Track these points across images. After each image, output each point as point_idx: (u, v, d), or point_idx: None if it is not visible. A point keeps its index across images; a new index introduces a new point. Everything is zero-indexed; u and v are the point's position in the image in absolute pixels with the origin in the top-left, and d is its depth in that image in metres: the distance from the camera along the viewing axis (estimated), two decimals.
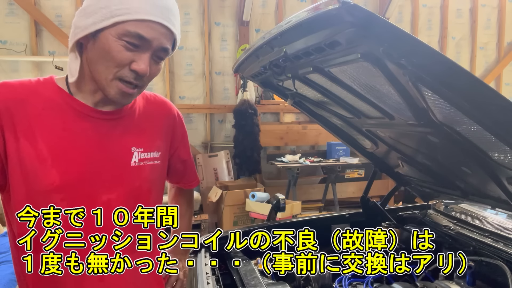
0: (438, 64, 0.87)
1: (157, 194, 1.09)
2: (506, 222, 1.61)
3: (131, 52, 0.87)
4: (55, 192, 0.91)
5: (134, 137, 1.02)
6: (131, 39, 0.85)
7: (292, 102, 1.70)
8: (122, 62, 0.87)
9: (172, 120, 1.15)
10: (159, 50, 0.90)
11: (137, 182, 1.01)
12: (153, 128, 1.08)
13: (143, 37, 0.86)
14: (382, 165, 1.93)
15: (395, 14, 5.95)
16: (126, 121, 1.01)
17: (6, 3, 4.71)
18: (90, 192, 0.95)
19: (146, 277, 1.05)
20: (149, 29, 0.86)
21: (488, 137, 1.00)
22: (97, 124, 0.96)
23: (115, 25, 0.84)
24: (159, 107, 1.12)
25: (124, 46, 0.86)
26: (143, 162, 1.02)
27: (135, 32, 0.85)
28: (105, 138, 0.97)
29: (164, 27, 0.88)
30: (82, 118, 0.94)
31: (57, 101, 0.93)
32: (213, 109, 5.45)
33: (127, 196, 1.00)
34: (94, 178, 0.95)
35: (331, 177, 4.99)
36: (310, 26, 0.93)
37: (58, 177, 0.90)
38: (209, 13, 5.36)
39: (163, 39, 0.89)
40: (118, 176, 0.98)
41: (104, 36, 0.86)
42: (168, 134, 1.13)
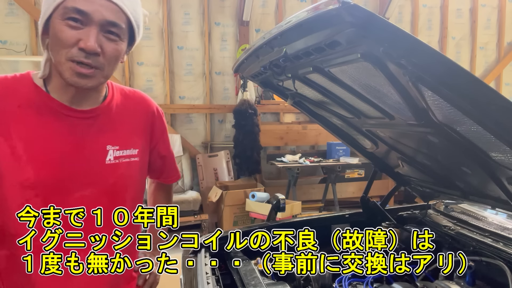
0: (438, 64, 0.87)
1: (134, 190, 1.09)
2: (506, 222, 1.61)
3: (76, 31, 0.86)
4: (30, 188, 0.91)
5: (109, 135, 1.02)
6: (70, 14, 0.85)
7: (292, 102, 1.70)
8: (68, 41, 0.86)
9: (151, 116, 1.14)
10: (106, 25, 0.88)
11: (111, 179, 1.02)
12: (130, 124, 1.08)
13: (81, 10, 0.85)
14: (382, 165, 1.93)
15: (395, 14, 5.95)
16: (102, 119, 1.01)
17: (6, 3, 4.71)
18: (64, 189, 0.95)
19: (116, 275, 1.04)
20: (86, 2, 0.85)
21: (488, 137, 1.00)
22: (73, 122, 0.96)
23: (57, 8, 0.86)
24: (137, 103, 1.12)
25: (67, 25, 0.85)
26: (119, 159, 1.03)
27: (71, 6, 0.84)
28: (80, 137, 0.97)
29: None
30: (57, 116, 0.94)
31: (33, 99, 0.93)
32: (213, 109, 5.45)
33: (101, 193, 1.00)
34: (68, 176, 0.95)
35: (331, 177, 4.99)
36: (310, 26, 0.93)
37: (32, 174, 0.91)
38: (209, 13, 5.36)
39: (105, 11, 0.87)
40: (93, 174, 0.99)
41: (52, 23, 0.88)
42: (146, 130, 1.12)
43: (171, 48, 5.29)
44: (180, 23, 5.31)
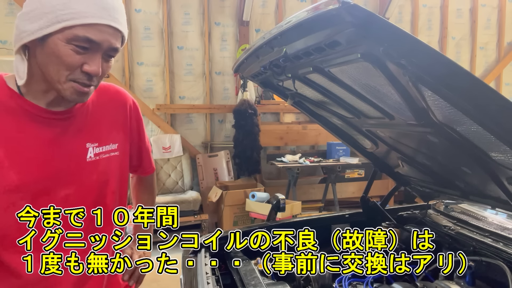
0: (438, 64, 0.87)
1: (117, 184, 1.11)
2: (506, 222, 1.61)
3: (81, 55, 0.87)
4: (15, 192, 0.92)
5: (88, 133, 1.03)
6: (80, 43, 0.85)
7: (292, 102, 1.70)
8: (73, 65, 0.87)
9: (128, 109, 1.15)
10: (109, 50, 0.91)
11: (93, 176, 1.03)
12: (108, 120, 1.09)
13: (93, 40, 0.86)
14: (382, 165, 1.93)
15: (395, 14, 5.95)
16: (79, 118, 1.02)
17: (6, 3, 4.71)
18: (48, 189, 0.96)
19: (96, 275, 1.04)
20: (97, 32, 0.86)
21: (488, 137, 1.00)
22: (51, 124, 0.96)
23: (63, 30, 0.84)
24: (112, 98, 1.13)
25: (73, 50, 0.86)
26: (99, 156, 1.05)
27: (84, 36, 0.85)
28: (59, 138, 0.98)
29: (112, 28, 0.88)
30: (35, 119, 0.94)
31: (9, 104, 0.92)
32: (213, 109, 5.45)
33: (85, 190, 1.02)
34: (51, 177, 0.96)
35: (331, 177, 4.99)
36: (310, 26, 0.93)
37: (16, 178, 0.91)
38: (209, 13, 5.36)
39: (112, 39, 0.89)
40: (75, 172, 1.00)
41: (53, 41, 0.85)
42: (125, 124, 1.14)
43: (171, 48, 5.29)
44: (180, 23, 5.31)
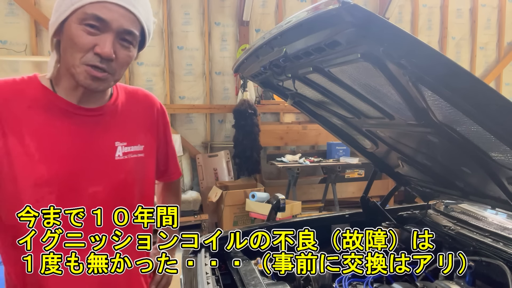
0: (438, 64, 0.87)
1: (142, 186, 1.10)
2: (506, 222, 1.61)
3: (93, 36, 0.88)
4: (44, 186, 0.93)
5: (117, 131, 1.04)
6: (89, 21, 0.86)
7: (292, 102, 1.70)
8: (85, 46, 0.88)
9: (156, 113, 1.17)
10: (122, 33, 0.90)
11: (121, 175, 1.04)
12: (135, 122, 1.10)
13: (101, 18, 0.86)
14: (382, 165, 1.93)
15: (395, 14, 5.95)
16: (109, 116, 1.03)
17: (6, 3, 4.71)
18: (76, 185, 0.97)
19: (126, 278, 1.05)
20: (106, 10, 0.87)
21: (488, 137, 1.00)
22: (81, 120, 0.98)
23: (75, 12, 0.87)
24: (140, 100, 1.14)
25: (84, 30, 0.87)
26: (127, 155, 1.05)
27: (91, 13, 0.86)
28: (89, 134, 0.99)
29: (123, 8, 0.89)
30: (66, 115, 0.96)
31: (42, 100, 0.95)
32: (213, 109, 5.45)
33: (112, 189, 1.02)
34: (80, 172, 0.97)
35: (331, 177, 4.99)
36: (310, 26, 0.93)
37: (46, 171, 0.93)
38: (209, 13, 5.36)
39: (123, 20, 0.89)
40: (103, 170, 1.01)
41: (68, 25, 0.88)
42: (152, 127, 1.15)
43: (171, 48, 5.29)
44: (180, 23, 5.31)
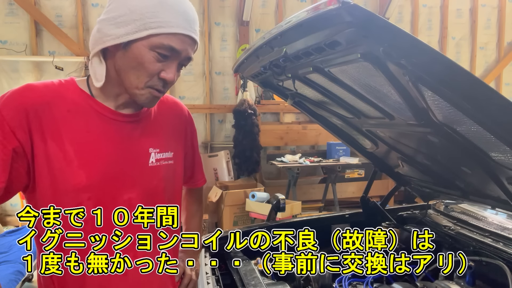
0: (438, 64, 0.87)
1: (171, 193, 1.12)
2: (506, 222, 1.61)
3: (160, 63, 0.92)
4: (83, 191, 0.94)
5: (151, 138, 1.06)
6: (163, 51, 0.90)
7: (292, 102, 1.70)
8: (153, 72, 0.92)
9: (184, 120, 1.19)
10: (184, 60, 0.96)
11: (154, 181, 1.05)
12: (166, 128, 1.12)
13: (175, 49, 0.91)
14: (382, 165, 1.93)
15: (395, 14, 5.94)
16: (144, 123, 1.05)
17: (6, 3, 4.71)
18: (113, 191, 0.98)
19: (161, 278, 1.07)
20: (180, 42, 0.91)
21: (488, 137, 1.00)
22: (119, 126, 0.99)
23: (148, 37, 0.89)
24: (171, 107, 1.16)
25: (155, 57, 0.91)
26: (159, 162, 1.07)
27: (168, 45, 0.90)
28: (126, 140, 1.00)
29: (191, 39, 0.94)
30: (104, 120, 0.97)
31: (81, 104, 0.96)
32: (213, 109, 5.45)
33: (145, 195, 1.03)
34: (116, 178, 0.98)
35: (331, 177, 4.99)
36: (310, 26, 0.93)
37: (84, 177, 0.93)
38: (209, 13, 5.36)
39: (190, 49, 0.95)
40: (138, 176, 1.02)
41: (137, 47, 0.90)
42: (181, 134, 1.17)
43: None
44: None
